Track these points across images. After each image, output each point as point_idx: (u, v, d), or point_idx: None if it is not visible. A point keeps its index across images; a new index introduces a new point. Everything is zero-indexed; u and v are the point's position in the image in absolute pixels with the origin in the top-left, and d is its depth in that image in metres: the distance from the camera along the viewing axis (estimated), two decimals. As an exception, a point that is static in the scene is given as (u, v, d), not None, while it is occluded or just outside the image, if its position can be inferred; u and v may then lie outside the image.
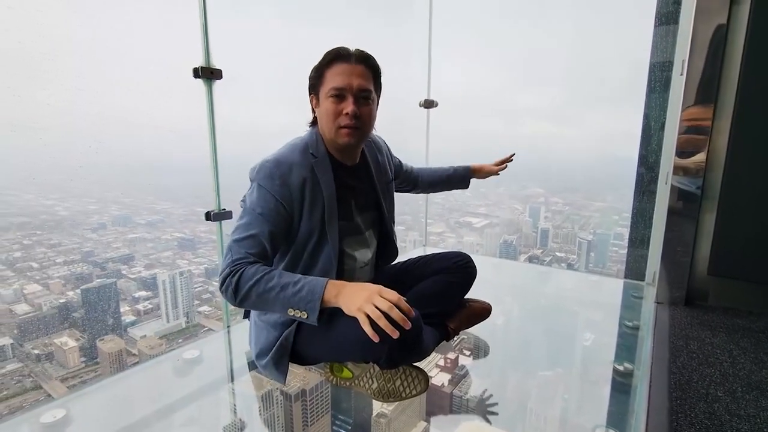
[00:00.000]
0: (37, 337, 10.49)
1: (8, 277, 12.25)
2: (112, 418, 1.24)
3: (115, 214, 14.51)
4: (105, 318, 10.88)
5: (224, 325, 1.73)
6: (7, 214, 14.41)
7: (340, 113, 1.19)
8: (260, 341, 1.28)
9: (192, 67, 1.50)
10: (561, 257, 8.45)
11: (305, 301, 1.00)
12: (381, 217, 1.43)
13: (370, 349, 1.14)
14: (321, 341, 1.23)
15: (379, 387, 1.27)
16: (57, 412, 1.12)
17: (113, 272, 12.43)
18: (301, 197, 1.20)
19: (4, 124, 2.41)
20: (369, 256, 1.43)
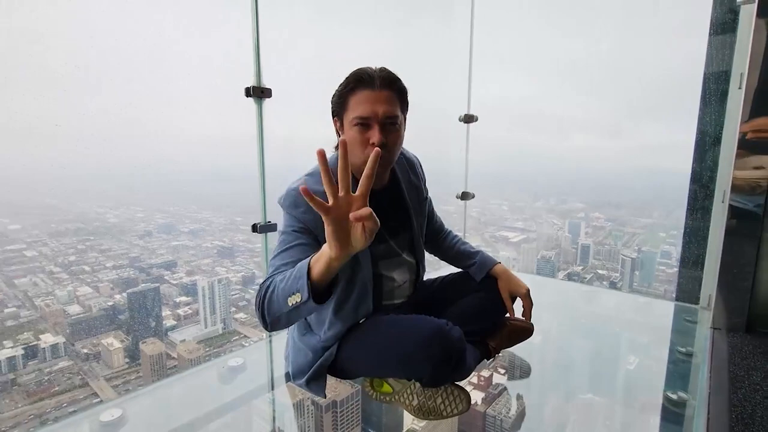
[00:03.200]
0: (86, 337, 11.07)
1: (63, 279, 13.05)
2: (162, 420, 1.29)
3: (160, 222, 15.27)
4: (148, 321, 11.36)
5: (267, 334, 1.77)
6: (64, 220, 15.42)
7: (366, 143, 1.12)
8: (298, 361, 1.29)
9: (244, 86, 1.57)
10: (603, 275, 8.10)
11: (294, 281, 0.89)
12: (413, 239, 1.42)
13: (413, 367, 1.13)
14: (363, 357, 1.23)
15: (419, 404, 1.26)
16: (114, 411, 1.18)
17: (157, 277, 13.03)
18: None
19: (66, 137, 2.60)
20: (407, 276, 1.41)
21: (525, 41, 6.41)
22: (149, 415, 1.28)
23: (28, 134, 6.22)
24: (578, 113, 10.31)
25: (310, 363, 1.23)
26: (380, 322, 1.23)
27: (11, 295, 11.83)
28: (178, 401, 1.41)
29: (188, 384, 1.55)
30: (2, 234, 14.60)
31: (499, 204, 10.84)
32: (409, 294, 1.45)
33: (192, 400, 1.40)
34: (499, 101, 4.72)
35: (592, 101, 12.26)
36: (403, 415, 1.53)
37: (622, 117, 19.47)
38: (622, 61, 12.02)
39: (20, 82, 4.72)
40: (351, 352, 1.20)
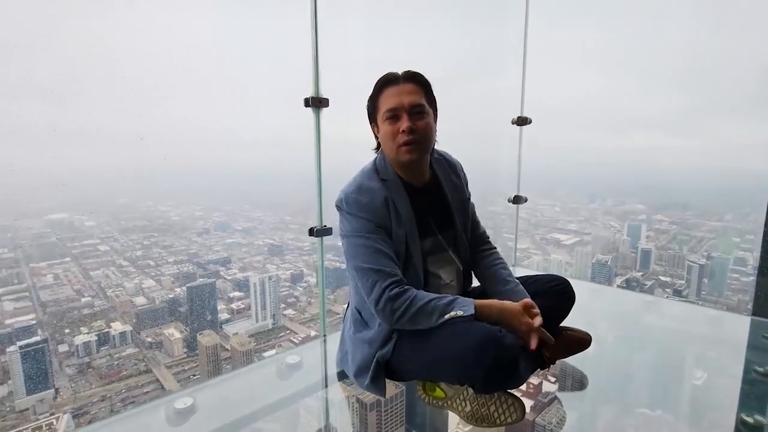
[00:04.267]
0: (150, 326, 11.91)
1: (131, 272, 14.12)
2: (228, 410, 1.38)
3: (217, 220, 16.11)
4: (205, 314, 12.04)
5: (321, 333, 1.83)
6: (132, 218, 16.66)
7: (397, 132, 1.23)
8: (357, 359, 1.32)
9: (303, 97, 1.64)
10: (666, 282, 7.55)
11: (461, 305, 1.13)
12: (456, 237, 1.41)
13: (465, 372, 1.14)
14: (418, 359, 1.24)
15: (472, 410, 1.25)
16: (186, 400, 1.28)
17: (213, 273, 13.76)
18: (388, 216, 1.24)
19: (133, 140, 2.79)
20: (454, 275, 1.41)
21: (585, 36, 6.10)
22: (216, 406, 1.37)
23: (99, 137, 6.81)
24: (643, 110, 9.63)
25: (368, 357, 1.27)
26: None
27: (87, 285, 12.95)
28: (242, 393, 1.50)
29: (250, 377, 1.64)
30: (79, 230, 16.00)
31: (551, 205, 10.40)
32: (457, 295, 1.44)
33: (254, 393, 1.48)
34: (555, 101, 4.54)
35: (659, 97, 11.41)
36: (448, 418, 1.53)
37: (692, 114, 18.03)
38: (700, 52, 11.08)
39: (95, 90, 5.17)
40: (405, 353, 1.23)
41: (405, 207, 1.28)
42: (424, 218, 1.31)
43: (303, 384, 1.57)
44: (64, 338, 10.71)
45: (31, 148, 3.73)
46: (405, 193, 1.30)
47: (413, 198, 1.32)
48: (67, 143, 4.16)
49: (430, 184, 1.36)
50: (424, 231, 1.26)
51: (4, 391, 8.99)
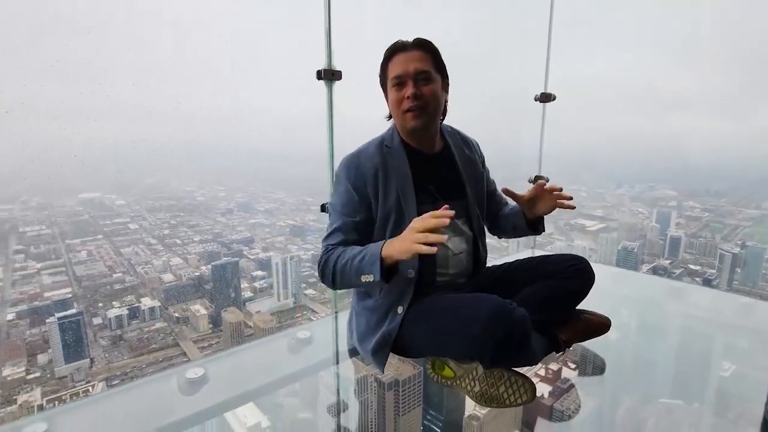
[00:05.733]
0: (177, 302, 12.38)
1: (159, 250, 14.61)
2: (237, 381, 1.41)
3: (240, 201, 16.45)
4: (228, 292, 12.41)
5: (333, 310, 1.84)
6: (159, 197, 17.13)
7: (402, 99, 1.21)
8: (360, 327, 1.32)
9: (315, 69, 1.60)
10: (695, 271, 7.28)
11: (369, 264, 1.06)
12: (468, 208, 1.37)
13: (473, 344, 1.11)
14: (425, 334, 1.22)
15: (481, 390, 1.23)
16: (198, 370, 1.31)
17: (237, 252, 14.14)
18: (375, 182, 1.24)
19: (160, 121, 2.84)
20: (464, 246, 1.37)
21: (617, 9, 5.79)
22: (228, 376, 1.40)
23: (130, 118, 7.01)
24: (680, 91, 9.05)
25: (371, 326, 1.26)
26: (442, 298, 1.23)
27: (118, 262, 13.53)
28: (252, 366, 1.52)
29: (261, 351, 1.67)
30: (110, 208, 16.63)
31: (576, 190, 10.14)
32: (467, 268, 1.40)
33: (264, 366, 1.51)
34: (581, 78, 4.35)
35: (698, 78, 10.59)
36: (465, 400, 1.52)
37: (733, 97, 16.98)
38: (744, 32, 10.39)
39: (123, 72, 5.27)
40: (413, 327, 1.21)
41: (401, 171, 1.27)
42: (427, 185, 1.28)
43: (314, 359, 1.58)
44: (98, 311, 11.25)
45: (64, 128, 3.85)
46: (406, 159, 1.28)
47: (418, 165, 1.29)
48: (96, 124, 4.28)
49: (440, 153, 1.33)
50: (424, 197, 1.24)
51: (45, 359, 9.57)
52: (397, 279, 1.24)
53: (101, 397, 1.32)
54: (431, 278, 1.29)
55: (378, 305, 1.24)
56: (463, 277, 1.36)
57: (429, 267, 1.28)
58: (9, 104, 2.74)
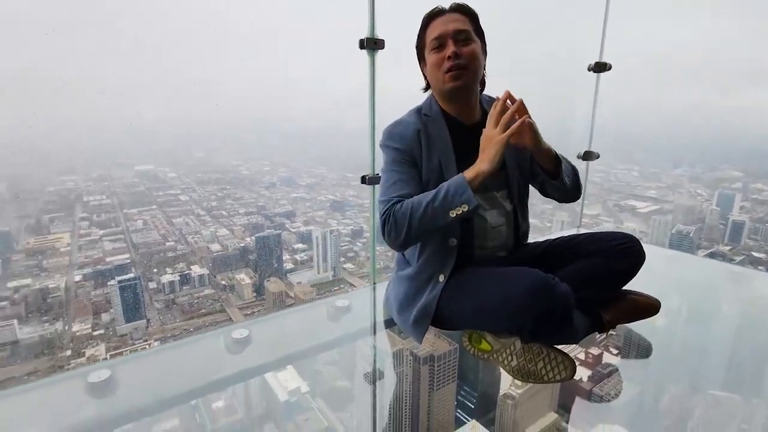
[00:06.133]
0: (224, 271, 13.05)
1: (207, 221, 15.38)
2: (278, 344, 1.47)
3: (282, 175, 16.90)
4: (271, 262, 12.92)
5: (371, 281, 1.86)
6: (208, 171, 17.86)
7: (442, 60, 1.18)
8: (399, 297, 1.32)
9: (358, 38, 1.58)
10: (759, 259, 6.74)
11: (459, 195, 1.07)
12: (508, 180, 1.32)
13: (513, 317, 1.09)
14: (463, 306, 1.21)
15: (518, 365, 1.21)
16: (242, 331, 1.38)
17: (279, 225, 14.63)
18: (418, 145, 1.22)
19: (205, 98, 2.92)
20: (502, 220, 1.33)
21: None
22: (270, 339, 1.46)
23: (180, 94, 7.27)
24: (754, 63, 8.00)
25: (410, 296, 1.26)
26: (483, 270, 1.21)
27: (171, 231, 14.38)
28: (293, 330, 1.58)
29: (301, 317, 1.72)
30: (163, 180, 17.59)
31: (628, 169, 9.51)
32: (506, 242, 1.36)
33: (304, 331, 1.55)
34: (640, 49, 4.01)
35: None
36: (500, 378, 1.51)
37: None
38: None
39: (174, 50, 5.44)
40: (452, 298, 1.20)
41: (442, 138, 1.25)
42: (467, 156, 1.24)
43: (352, 328, 1.61)
44: (153, 277, 12.08)
45: (118, 103, 4.05)
46: (446, 126, 1.25)
47: (457, 134, 1.26)
48: (148, 100, 4.47)
49: (479, 123, 1.29)
50: (464, 168, 1.21)
51: (108, 318, 10.47)
52: (438, 248, 1.22)
53: (157, 350, 1.42)
54: (470, 250, 1.27)
55: (419, 274, 1.24)
56: (502, 250, 1.33)
57: (468, 238, 1.26)
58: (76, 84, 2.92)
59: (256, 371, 1.28)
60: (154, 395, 1.11)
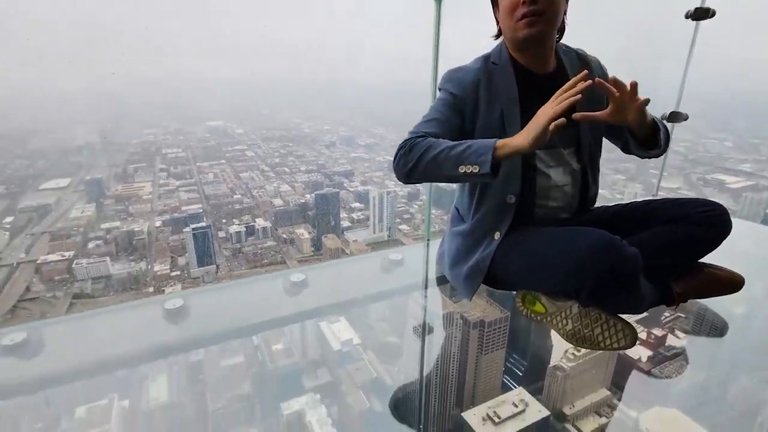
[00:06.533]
0: (285, 225, 13.75)
1: (271, 177, 16.11)
2: (332, 291, 1.53)
3: (343, 134, 17.11)
4: (329, 220, 13.39)
5: (425, 237, 1.86)
6: (272, 128, 18.42)
7: (516, 5, 1.05)
8: (452, 252, 1.29)
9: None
10: None
11: (477, 155, 0.98)
12: (579, 137, 1.20)
13: (573, 276, 1.02)
14: (519, 264, 1.16)
15: (573, 329, 1.15)
16: (300, 275, 1.46)
17: (337, 184, 15.00)
18: (475, 96, 1.13)
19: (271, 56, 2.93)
20: (568, 179, 1.23)
21: None
22: (325, 285, 1.53)
23: (247, 53, 7.43)
24: None
25: (463, 253, 1.23)
26: (542, 228, 1.15)
27: (238, 185, 15.28)
28: (347, 279, 1.63)
29: (356, 267, 1.77)
30: (231, 136, 18.51)
31: (721, 139, 8.42)
32: (570, 203, 1.26)
33: (357, 280, 1.60)
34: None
35: None
36: (552, 349, 1.48)
37: None
38: None
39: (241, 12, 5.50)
40: (508, 256, 1.15)
41: (508, 89, 1.14)
42: (534, 108, 1.14)
43: (404, 282, 1.63)
44: (222, 226, 13.03)
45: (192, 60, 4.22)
46: (514, 76, 1.16)
47: (526, 85, 1.15)
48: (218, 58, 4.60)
49: (552, 74, 1.18)
50: (530, 120, 1.11)
51: (184, 261, 11.56)
52: (496, 204, 1.17)
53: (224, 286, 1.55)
54: (530, 209, 1.20)
55: (473, 230, 1.20)
56: (565, 212, 1.24)
57: (528, 196, 1.19)
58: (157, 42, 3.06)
59: (312, 314, 1.36)
60: (221, 326, 1.21)
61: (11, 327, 1.16)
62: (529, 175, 1.17)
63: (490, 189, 1.16)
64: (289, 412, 1.09)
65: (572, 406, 1.35)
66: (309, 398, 1.12)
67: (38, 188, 14.25)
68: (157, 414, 1.12)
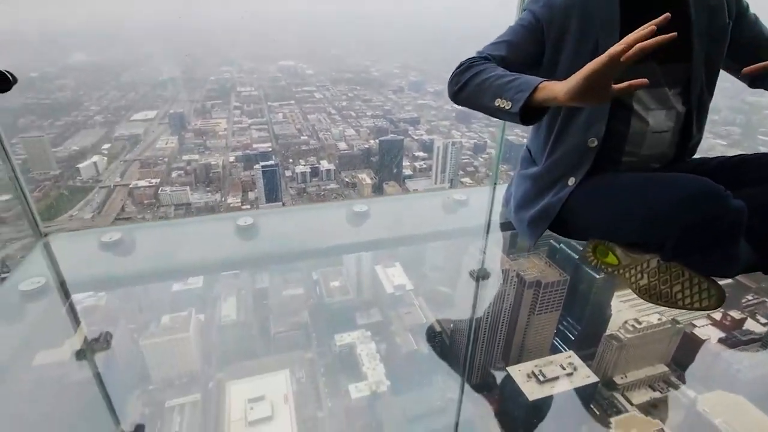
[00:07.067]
0: (348, 169, 14.00)
1: (337, 120, 16.24)
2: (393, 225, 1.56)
3: (412, 80, 16.57)
4: (391, 167, 13.40)
5: (491, 181, 1.77)
6: (341, 70, 18.29)
7: None
8: (519, 195, 1.20)
9: None
10: None
11: (515, 90, 0.86)
12: (690, 75, 1.01)
13: (660, 222, 0.90)
14: (598, 210, 1.04)
15: (648, 285, 1.04)
16: (363, 206, 1.50)
17: (402, 131, 14.81)
18: (566, 23, 0.95)
19: None
20: (669, 125, 1.05)
21: None
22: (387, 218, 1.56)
23: (321, -12, 7.26)
24: None
25: (532, 196, 1.13)
26: (629, 173, 1.03)
27: (306, 126, 15.63)
28: (409, 214, 1.64)
29: (418, 203, 1.77)
30: (301, 76, 18.67)
31: None
32: (665, 153, 1.09)
33: (419, 216, 1.60)
34: None
35: None
36: (610, 318, 1.43)
37: None
38: None
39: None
40: (582, 202, 1.03)
41: (608, 16, 0.96)
42: None
43: (465, 223, 1.60)
44: (288, 166, 13.57)
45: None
46: (617, 3, 0.97)
47: (632, 11, 0.96)
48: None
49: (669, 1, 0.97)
50: None
51: (253, 196, 12.39)
52: (574, 147, 1.05)
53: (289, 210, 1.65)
54: (616, 156, 1.06)
55: (544, 174, 1.09)
56: (658, 161, 1.07)
57: (616, 141, 1.04)
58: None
59: (371, 246, 1.41)
60: (288, 246, 1.31)
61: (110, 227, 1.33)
62: (621, 116, 1.01)
63: (570, 129, 1.02)
64: (342, 344, 1.18)
65: (624, 376, 1.32)
66: (360, 334, 1.19)
67: (130, 119, 15.60)
68: (227, 329, 1.26)
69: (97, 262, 1.14)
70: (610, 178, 1.01)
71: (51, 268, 1.08)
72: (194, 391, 0.99)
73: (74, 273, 1.08)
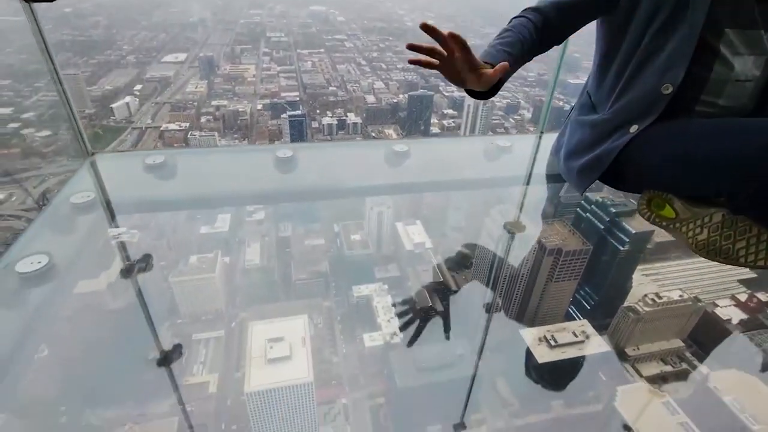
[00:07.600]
0: (378, 123, 13.77)
1: (366, 72, 15.81)
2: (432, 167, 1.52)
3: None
4: (418, 124, 13.14)
5: (538, 130, 1.67)
6: (373, 18, 17.54)
7: None
8: (572, 142, 1.08)
9: None
10: None
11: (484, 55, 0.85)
12: None
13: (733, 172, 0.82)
14: (663, 158, 0.92)
15: (708, 240, 0.94)
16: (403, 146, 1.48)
17: (433, 87, 14.34)
18: None
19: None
20: (755, 73, 0.91)
21: None
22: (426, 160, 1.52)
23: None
24: None
25: (587, 143, 1.02)
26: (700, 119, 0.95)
27: (334, 77, 15.31)
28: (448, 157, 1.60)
29: (459, 147, 1.70)
30: (332, 24, 18.07)
31: None
32: (746, 104, 0.96)
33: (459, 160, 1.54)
34: None
35: None
36: (630, 291, 1.40)
37: None
38: None
39: None
40: (646, 148, 0.91)
41: None
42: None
43: (506, 171, 1.54)
44: (315, 117, 13.46)
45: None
46: None
47: None
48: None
49: None
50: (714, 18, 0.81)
51: (280, 145, 12.47)
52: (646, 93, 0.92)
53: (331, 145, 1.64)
54: (690, 105, 0.93)
55: (606, 120, 0.97)
56: (736, 114, 0.96)
57: (692, 89, 0.91)
58: None
59: (408, 188, 1.39)
60: (325, 182, 1.32)
61: (155, 150, 1.32)
62: (704, 60, 0.88)
63: (644, 73, 0.89)
64: (359, 295, 1.21)
65: (637, 348, 1.32)
66: (378, 287, 1.22)
67: (161, 60, 15.57)
68: (251, 273, 1.31)
69: (142, 184, 1.18)
70: (680, 124, 0.87)
71: (97, 185, 1.13)
72: (218, 328, 1.06)
73: (119, 193, 1.14)
